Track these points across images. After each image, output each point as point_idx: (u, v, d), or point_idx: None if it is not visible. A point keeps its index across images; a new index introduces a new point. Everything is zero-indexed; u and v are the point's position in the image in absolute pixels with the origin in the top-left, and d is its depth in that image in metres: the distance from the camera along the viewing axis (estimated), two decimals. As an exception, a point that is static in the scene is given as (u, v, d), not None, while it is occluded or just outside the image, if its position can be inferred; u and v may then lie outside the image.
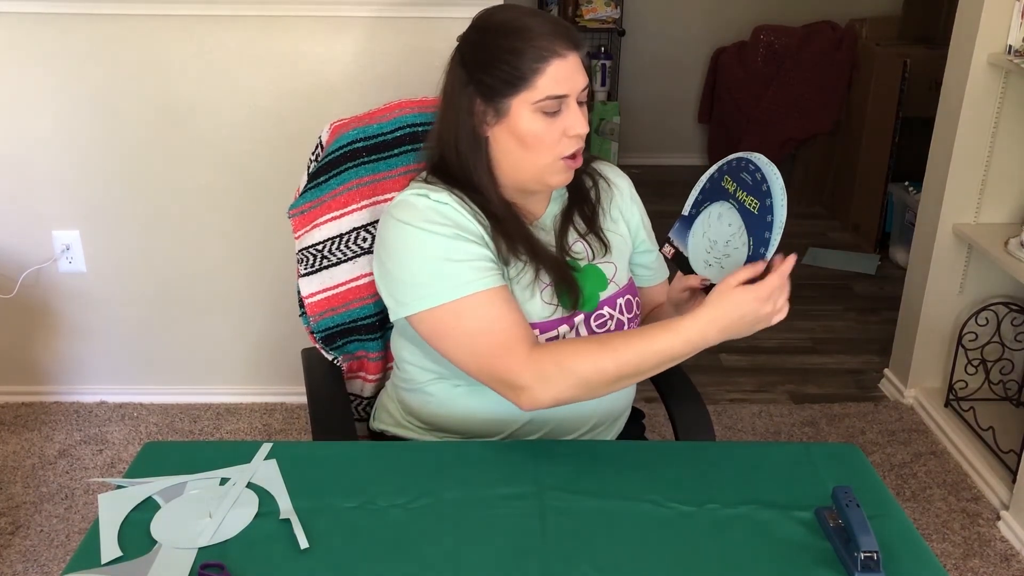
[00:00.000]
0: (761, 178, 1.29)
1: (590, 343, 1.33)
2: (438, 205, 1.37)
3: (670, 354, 1.29)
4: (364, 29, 2.44)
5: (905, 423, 2.77)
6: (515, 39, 1.33)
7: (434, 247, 1.34)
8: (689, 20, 4.78)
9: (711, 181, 1.38)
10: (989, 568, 2.21)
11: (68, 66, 2.44)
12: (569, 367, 1.29)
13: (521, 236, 1.42)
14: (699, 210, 1.39)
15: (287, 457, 1.30)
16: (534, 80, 1.32)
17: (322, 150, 1.59)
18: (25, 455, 2.54)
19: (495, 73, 1.34)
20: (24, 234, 2.60)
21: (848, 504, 1.14)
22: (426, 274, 1.34)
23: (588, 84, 1.38)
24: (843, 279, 3.75)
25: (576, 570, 1.12)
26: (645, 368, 1.31)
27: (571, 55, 1.34)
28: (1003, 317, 2.69)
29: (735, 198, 1.33)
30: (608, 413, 1.51)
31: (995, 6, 2.42)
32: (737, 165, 1.34)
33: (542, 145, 1.36)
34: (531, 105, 1.33)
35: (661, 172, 4.90)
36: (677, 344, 1.28)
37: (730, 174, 1.35)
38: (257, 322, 2.74)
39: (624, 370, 1.30)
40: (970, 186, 2.61)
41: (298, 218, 1.60)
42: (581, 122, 1.35)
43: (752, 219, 1.31)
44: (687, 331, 1.28)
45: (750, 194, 1.31)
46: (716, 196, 1.37)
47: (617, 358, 1.29)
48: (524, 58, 1.32)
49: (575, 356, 1.30)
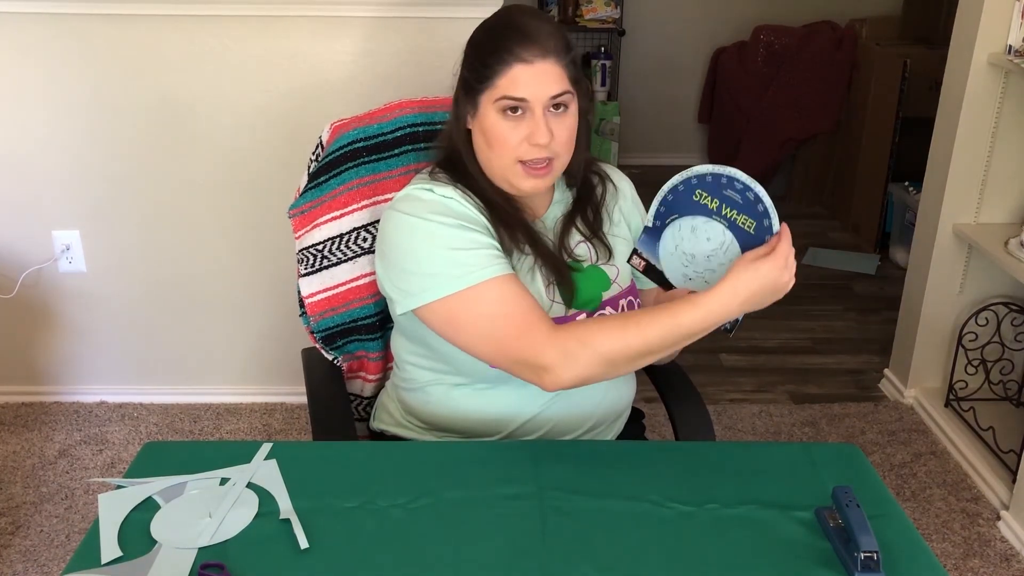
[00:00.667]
0: (755, 198, 1.28)
1: (613, 321, 1.32)
2: (442, 199, 1.38)
3: (692, 328, 1.29)
4: (364, 29, 2.44)
5: (905, 423, 2.77)
6: (492, 37, 1.36)
7: (443, 237, 1.35)
8: (689, 20, 4.78)
9: (674, 192, 1.34)
10: (989, 568, 2.21)
11: (68, 66, 2.44)
12: (592, 344, 1.28)
13: (520, 226, 1.42)
14: (665, 222, 1.36)
15: (287, 457, 1.30)
16: (495, 80, 1.34)
17: (322, 150, 1.59)
18: (25, 455, 2.54)
19: (470, 68, 1.38)
20: (24, 234, 2.61)
21: (848, 504, 1.14)
22: (437, 264, 1.34)
23: (566, 94, 1.35)
24: (843, 279, 3.75)
25: (576, 570, 1.12)
26: (669, 343, 1.30)
27: (540, 63, 1.32)
28: (1003, 317, 2.69)
29: (722, 216, 1.31)
30: (608, 413, 1.51)
31: (995, 6, 2.42)
32: (715, 182, 1.31)
33: (503, 146, 1.36)
34: (493, 104, 1.35)
35: (661, 172, 4.83)
36: (699, 317, 1.28)
37: (706, 190, 1.31)
38: (257, 322, 2.74)
39: (650, 346, 1.29)
40: (970, 186, 2.61)
41: (298, 218, 1.60)
42: (541, 131, 1.33)
43: (749, 238, 1.30)
44: (709, 304, 1.28)
45: (743, 213, 1.30)
46: (688, 210, 1.34)
47: (642, 333, 1.29)
48: (491, 57, 1.34)
49: (599, 333, 1.29)
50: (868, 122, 4.00)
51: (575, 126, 1.40)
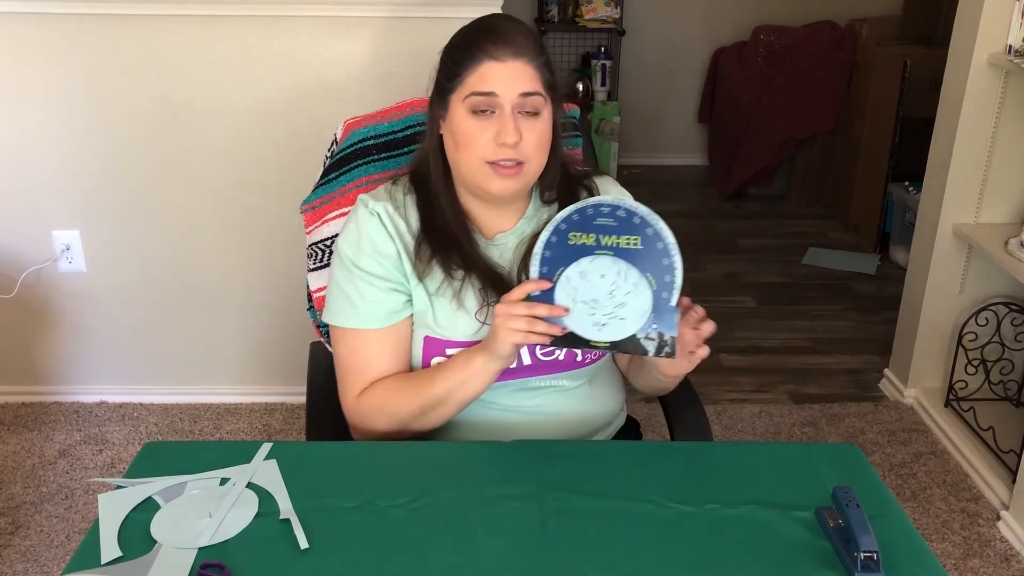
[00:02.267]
0: (627, 213, 1.27)
1: (406, 382, 1.41)
2: (365, 219, 1.41)
3: (458, 380, 1.36)
4: (368, 29, 2.44)
5: (905, 423, 2.77)
6: (464, 38, 1.38)
7: (339, 273, 1.43)
8: (689, 20, 4.78)
9: (549, 247, 1.30)
10: (989, 568, 2.22)
11: (69, 66, 2.44)
12: (384, 407, 1.41)
13: (456, 248, 1.41)
14: (553, 281, 1.30)
15: (287, 457, 1.30)
16: (465, 76, 1.34)
17: (336, 147, 1.62)
18: (25, 455, 2.54)
19: (442, 69, 1.39)
20: (24, 234, 2.60)
21: (848, 504, 1.14)
22: (331, 292, 1.46)
23: (536, 95, 1.34)
24: (843, 279, 3.75)
25: (576, 570, 1.12)
26: (445, 399, 1.38)
27: (511, 61, 1.33)
28: (1003, 317, 2.69)
29: (603, 247, 1.28)
30: (588, 422, 1.49)
31: (995, 6, 2.42)
32: (582, 218, 1.28)
33: (471, 146, 1.35)
34: (462, 102, 1.35)
35: (661, 172, 4.91)
36: (458, 371, 1.36)
37: (578, 229, 1.28)
38: (257, 322, 2.74)
39: (426, 404, 1.38)
40: (970, 186, 2.61)
41: (309, 213, 1.63)
42: (509, 130, 1.32)
43: (640, 255, 1.27)
44: (466, 355, 1.36)
45: (622, 234, 1.27)
46: (569, 258, 1.29)
47: (420, 394, 1.38)
48: (462, 55, 1.35)
49: (388, 397, 1.40)
50: (868, 122, 4.01)
51: (547, 133, 1.37)
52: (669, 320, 1.28)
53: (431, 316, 1.41)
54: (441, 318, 1.40)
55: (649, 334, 1.28)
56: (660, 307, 1.28)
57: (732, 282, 3.71)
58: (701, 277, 3.71)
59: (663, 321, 1.28)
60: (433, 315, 1.41)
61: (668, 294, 1.28)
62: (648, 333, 1.28)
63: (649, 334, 1.28)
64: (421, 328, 1.42)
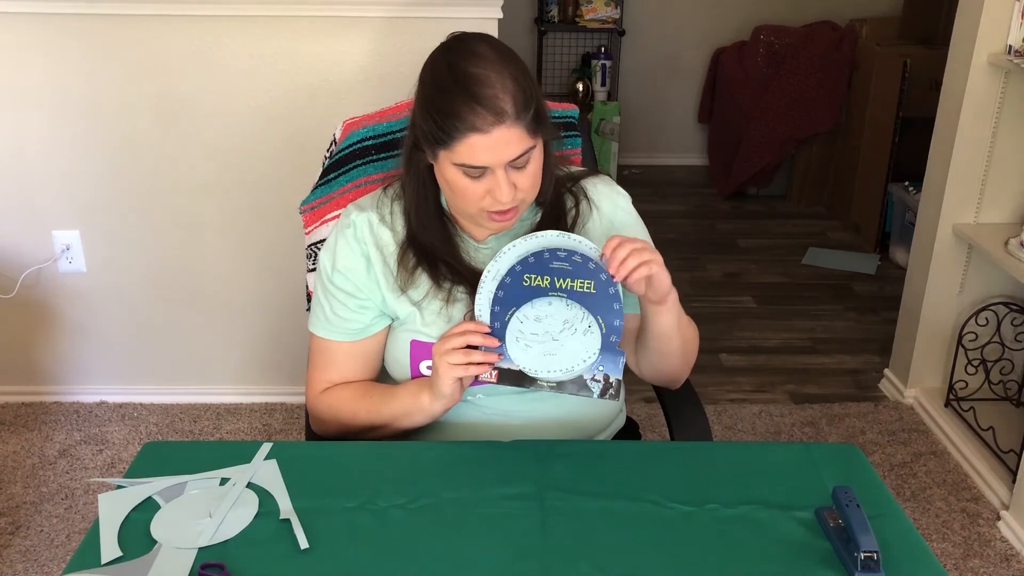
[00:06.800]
0: (583, 258, 1.29)
1: (361, 395, 1.44)
2: (341, 232, 1.42)
3: (404, 410, 1.39)
4: (367, 30, 2.44)
5: (905, 423, 2.77)
6: (447, 96, 1.28)
7: (318, 283, 1.46)
8: (689, 20, 4.78)
9: (503, 287, 1.31)
10: (989, 568, 2.22)
11: (69, 66, 2.44)
12: (336, 413, 1.45)
13: (443, 262, 1.40)
14: (504, 320, 1.31)
15: (287, 457, 1.30)
16: (452, 145, 1.28)
17: (335, 147, 1.62)
18: (25, 455, 2.54)
19: (427, 120, 1.31)
20: (24, 234, 2.61)
21: (848, 504, 1.14)
22: (313, 297, 1.49)
23: (526, 153, 1.30)
24: (843, 279, 3.75)
25: (576, 570, 1.12)
26: (388, 424, 1.41)
27: (496, 130, 1.25)
28: (1003, 317, 2.69)
29: (557, 290, 1.30)
30: (586, 427, 1.49)
31: (995, 6, 2.42)
32: (538, 261, 1.30)
33: (465, 199, 1.33)
34: (452, 165, 1.31)
35: (661, 172, 4.91)
36: (405, 401, 1.39)
37: (533, 271, 1.30)
38: (257, 322, 2.74)
39: (372, 423, 1.42)
40: (970, 186, 2.61)
41: (308, 214, 1.63)
42: (503, 191, 1.29)
43: (592, 299, 1.30)
44: (416, 387, 1.39)
45: (576, 278, 1.30)
46: (521, 299, 1.31)
47: (370, 412, 1.42)
48: (446, 121, 1.27)
49: (342, 406, 1.44)
50: (868, 122, 4.00)
51: (539, 169, 1.35)
52: (614, 363, 1.32)
53: (418, 321, 1.41)
54: (429, 324, 1.40)
55: (595, 375, 1.32)
56: (607, 349, 1.31)
57: (732, 282, 3.71)
58: (701, 277, 3.71)
59: (609, 363, 1.32)
60: (421, 320, 1.40)
61: (616, 337, 1.31)
62: (594, 375, 1.32)
63: (595, 375, 1.32)
64: (407, 332, 1.42)
